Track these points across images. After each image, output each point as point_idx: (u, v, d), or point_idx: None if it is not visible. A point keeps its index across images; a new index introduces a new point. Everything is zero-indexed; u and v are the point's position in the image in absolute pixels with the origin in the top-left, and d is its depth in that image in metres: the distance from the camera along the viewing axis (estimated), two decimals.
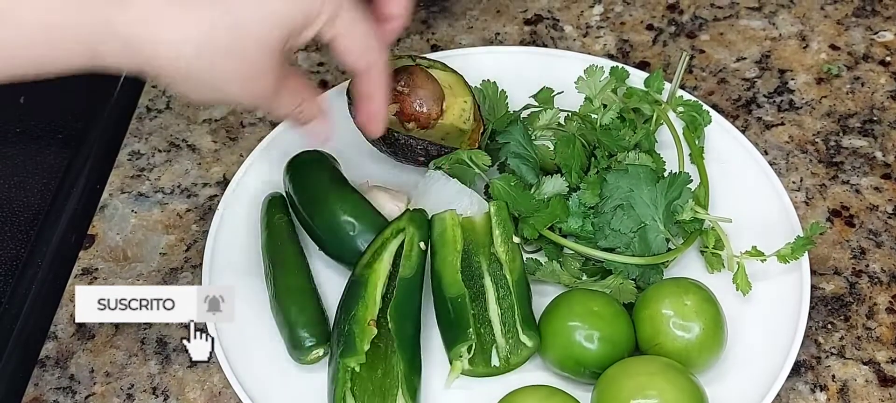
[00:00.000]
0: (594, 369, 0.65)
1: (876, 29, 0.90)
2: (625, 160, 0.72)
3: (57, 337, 0.71)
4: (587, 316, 0.65)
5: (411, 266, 0.66)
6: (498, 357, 0.66)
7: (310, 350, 0.65)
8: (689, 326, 0.64)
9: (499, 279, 0.68)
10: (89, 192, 0.80)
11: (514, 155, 0.72)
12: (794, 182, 0.79)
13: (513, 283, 0.67)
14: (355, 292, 0.65)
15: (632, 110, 0.77)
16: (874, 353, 0.70)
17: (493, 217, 0.69)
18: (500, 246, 0.68)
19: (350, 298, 0.65)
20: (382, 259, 0.67)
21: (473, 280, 0.68)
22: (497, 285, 0.67)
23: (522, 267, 0.68)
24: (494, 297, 0.67)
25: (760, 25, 0.91)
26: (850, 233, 0.76)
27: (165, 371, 0.69)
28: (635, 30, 0.91)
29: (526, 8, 0.92)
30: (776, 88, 0.86)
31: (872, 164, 0.80)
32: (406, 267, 0.66)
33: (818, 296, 0.72)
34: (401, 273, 0.65)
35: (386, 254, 0.67)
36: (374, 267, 0.66)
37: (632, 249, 0.69)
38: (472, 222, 0.69)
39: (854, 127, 0.83)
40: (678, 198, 0.69)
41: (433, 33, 0.90)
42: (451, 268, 0.67)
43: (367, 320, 0.64)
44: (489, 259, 0.68)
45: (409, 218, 0.67)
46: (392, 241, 0.67)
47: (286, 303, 0.67)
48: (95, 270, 0.75)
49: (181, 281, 0.74)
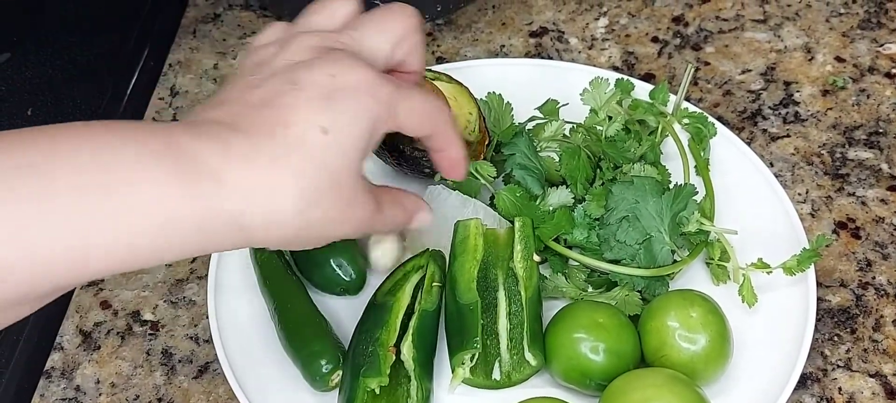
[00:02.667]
0: (600, 381, 0.64)
1: (881, 41, 0.90)
2: (630, 172, 0.72)
3: (62, 348, 0.71)
4: (592, 327, 0.65)
5: (432, 300, 0.67)
6: (500, 371, 0.66)
7: (328, 377, 0.65)
8: (694, 338, 0.64)
9: (513, 294, 0.68)
10: None
11: (520, 166, 0.72)
12: (800, 194, 0.79)
13: (526, 300, 0.67)
14: (379, 317, 0.66)
15: (637, 122, 0.77)
16: (881, 366, 0.70)
17: (517, 232, 0.69)
18: (520, 262, 0.68)
19: (373, 322, 0.66)
20: (404, 289, 0.68)
21: (488, 291, 0.68)
22: (510, 300, 0.67)
23: (538, 286, 0.68)
24: (506, 311, 0.67)
25: (766, 38, 0.91)
26: (856, 245, 0.76)
27: (171, 382, 0.69)
28: (640, 42, 0.91)
29: (531, 20, 0.93)
30: (782, 100, 0.86)
31: (878, 176, 0.80)
32: (427, 301, 0.67)
33: (824, 309, 0.72)
34: (423, 305, 0.67)
35: (408, 285, 0.68)
36: (397, 296, 0.67)
37: (637, 261, 0.69)
38: (496, 234, 0.70)
39: (860, 139, 0.83)
40: (684, 209, 0.69)
41: (438, 45, 0.91)
42: (467, 276, 0.67)
43: (390, 344, 0.64)
44: (506, 273, 0.68)
45: (430, 255, 0.69)
46: (413, 275, 0.69)
47: (295, 341, 0.67)
48: (101, 281, 0.75)
49: (187, 292, 0.74)
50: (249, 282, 0.72)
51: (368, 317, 0.67)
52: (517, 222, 0.69)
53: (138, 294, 0.74)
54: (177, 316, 0.73)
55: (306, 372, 0.66)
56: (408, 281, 0.68)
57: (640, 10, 0.93)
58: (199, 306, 0.73)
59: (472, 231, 0.68)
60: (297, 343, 0.67)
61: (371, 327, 0.66)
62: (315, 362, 0.65)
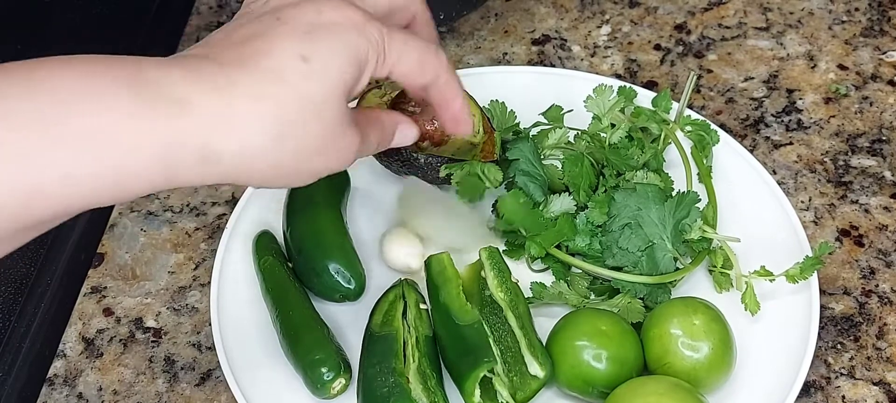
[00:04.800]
0: (602, 389, 0.64)
1: (884, 49, 0.90)
2: (633, 179, 0.72)
3: (65, 356, 0.72)
4: (595, 335, 0.65)
5: (425, 326, 0.68)
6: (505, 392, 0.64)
7: (330, 384, 0.65)
8: (697, 346, 0.64)
9: (493, 322, 0.66)
10: (99, 211, 0.80)
11: (523, 172, 0.72)
12: (803, 201, 0.79)
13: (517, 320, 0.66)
14: (387, 347, 0.66)
15: (640, 129, 0.77)
16: (884, 374, 0.69)
17: (486, 262, 0.69)
18: (498, 290, 0.67)
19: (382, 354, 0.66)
20: (397, 318, 0.68)
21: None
22: (492, 328, 0.66)
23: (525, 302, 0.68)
24: (492, 338, 0.65)
25: (768, 45, 0.91)
26: (859, 253, 0.76)
27: (173, 390, 0.69)
28: (643, 50, 0.91)
29: (534, 28, 0.93)
30: (784, 108, 0.86)
31: (881, 184, 0.80)
32: (422, 327, 0.67)
33: (827, 316, 0.72)
34: (422, 331, 0.67)
35: (398, 314, 0.68)
36: (395, 326, 0.67)
37: (640, 268, 0.69)
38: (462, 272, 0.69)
39: (863, 146, 0.83)
40: (686, 217, 0.69)
41: None
42: (457, 300, 0.67)
43: (406, 374, 0.65)
44: (482, 304, 0.67)
45: (406, 285, 0.70)
46: (399, 304, 0.69)
47: (297, 348, 0.67)
48: (104, 288, 0.75)
49: (189, 299, 0.74)
50: (252, 290, 0.72)
51: (374, 350, 0.66)
52: (483, 253, 0.69)
53: (141, 301, 0.74)
54: (179, 324, 0.73)
55: (308, 380, 0.66)
56: (396, 309, 0.68)
57: (642, 18, 0.93)
58: (201, 313, 0.74)
59: (445, 263, 0.68)
60: (299, 351, 0.66)
61: (382, 359, 0.65)
62: (316, 369, 0.65)
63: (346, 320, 0.71)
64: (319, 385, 0.65)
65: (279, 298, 0.69)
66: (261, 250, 0.72)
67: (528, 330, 0.66)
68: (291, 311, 0.68)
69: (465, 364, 0.64)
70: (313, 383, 0.65)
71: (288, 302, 0.69)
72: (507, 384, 0.64)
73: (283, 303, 0.69)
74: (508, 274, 0.68)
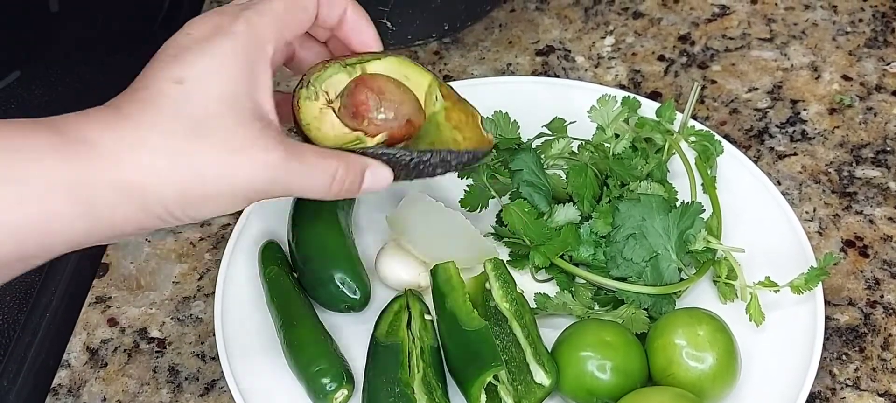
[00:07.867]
0: (607, 399, 0.64)
1: (888, 59, 0.90)
2: (637, 189, 0.72)
3: (70, 366, 0.72)
4: (599, 345, 0.65)
5: (430, 337, 0.68)
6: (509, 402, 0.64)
7: (332, 395, 0.65)
8: (702, 356, 0.64)
9: (498, 332, 0.66)
10: None
11: (527, 183, 0.72)
12: (808, 212, 0.79)
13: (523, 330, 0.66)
14: (393, 358, 0.66)
15: (644, 140, 0.77)
16: (889, 385, 0.69)
17: (491, 272, 0.69)
18: (503, 301, 0.67)
19: (387, 365, 0.66)
20: (401, 327, 0.68)
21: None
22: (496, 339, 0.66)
23: (531, 312, 0.68)
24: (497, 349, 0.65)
25: (772, 56, 0.91)
26: (864, 264, 0.76)
27: (177, 400, 0.69)
28: (647, 60, 0.91)
29: (537, 39, 0.93)
30: (788, 119, 0.86)
31: (886, 194, 0.80)
32: (427, 337, 0.67)
33: (832, 327, 0.72)
34: (427, 342, 0.67)
35: (403, 324, 0.68)
36: (400, 336, 0.67)
37: (644, 278, 0.69)
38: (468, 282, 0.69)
39: (867, 157, 0.83)
40: (690, 227, 0.69)
41: (445, 64, 0.91)
42: (464, 307, 0.66)
43: (411, 384, 0.65)
44: (486, 314, 0.67)
45: (410, 295, 0.70)
46: (403, 314, 0.69)
47: (300, 358, 0.67)
48: (109, 298, 0.75)
49: (194, 309, 0.74)
50: (256, 300, 0.72)
51: (379, 360, 0.66)
52: (488, 264, 0.69)
53: (145, 311, 0.74)
54: (183, 334, 0.73)
55: (311, 390, 0.66)
56: (401, 320, 0.68)
57: (646, 29, 0.94)
58: (205, 323, 0.74)
59: (451, 271, 0.68)
60: (303, 361, 0.67)
61: (387, 368, 0.65)
62: (318, 380, 0.65)
63: (351, 330, 0.71)
64: (321, 396, 0.65)
65: (283, 308, 0.69)
66: (267, 260, 0.72)
67: (534, 339, 0.66)
68: (295, 321, 0.68)
69: (471, 370, 0.64)
70: (315, 393, 0.65)
71: (292, 312, 0.69)
72: (512, 392, 0.64)
73: (288, 313, 0.69)
74: (513, 284, 0.68)
